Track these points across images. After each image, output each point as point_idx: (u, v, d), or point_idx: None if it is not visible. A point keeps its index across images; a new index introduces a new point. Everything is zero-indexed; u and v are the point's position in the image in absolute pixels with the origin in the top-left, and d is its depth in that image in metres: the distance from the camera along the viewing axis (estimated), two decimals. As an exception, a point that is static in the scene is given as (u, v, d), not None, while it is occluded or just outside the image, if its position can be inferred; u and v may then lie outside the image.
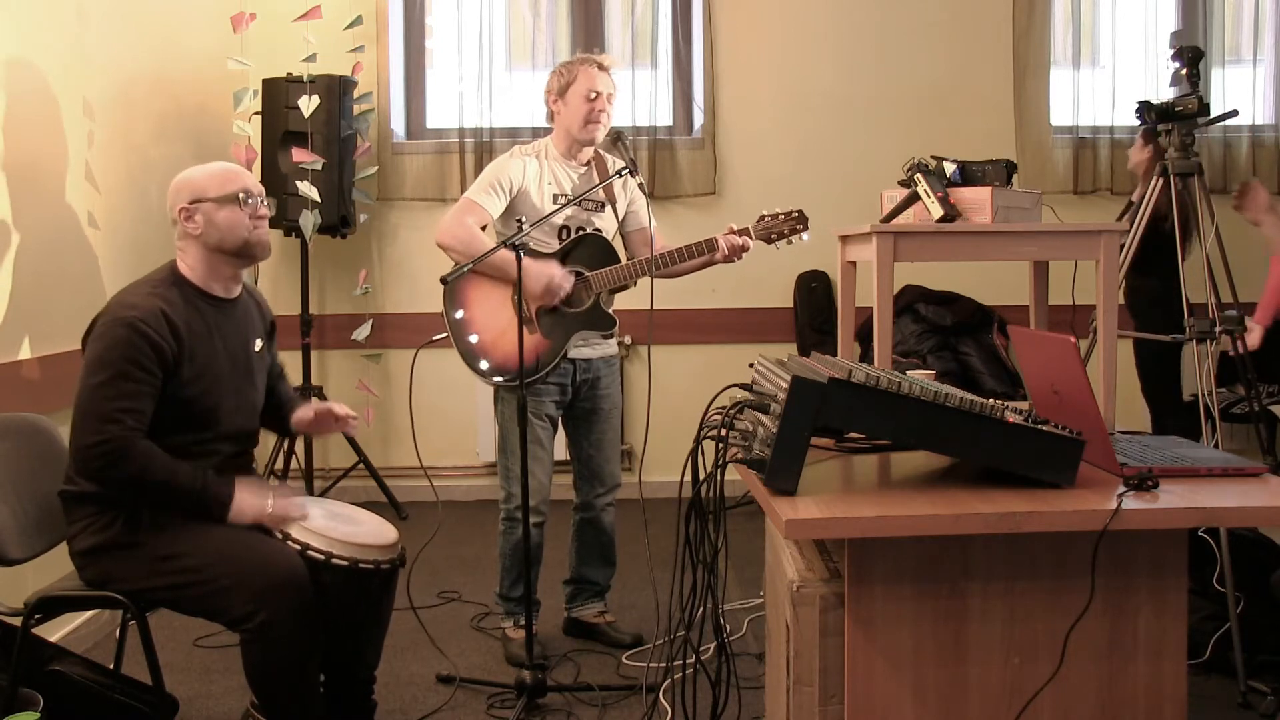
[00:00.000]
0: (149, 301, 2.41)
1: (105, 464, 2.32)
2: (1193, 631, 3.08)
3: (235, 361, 2.57)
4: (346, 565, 2.46)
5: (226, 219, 2.50)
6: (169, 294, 2.46)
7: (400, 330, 5.41)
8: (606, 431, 3.49)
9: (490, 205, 3.30)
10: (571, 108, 3.34)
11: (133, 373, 2.34)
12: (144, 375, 2.35)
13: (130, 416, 2.33)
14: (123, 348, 2.34)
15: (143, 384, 2.35)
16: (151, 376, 2.37)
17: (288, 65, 4.91)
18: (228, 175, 2.54)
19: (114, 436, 2.31)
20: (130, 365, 2.34)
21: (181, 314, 2.45)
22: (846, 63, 5.49)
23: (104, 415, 2.31)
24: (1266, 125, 5.53)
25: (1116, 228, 2.80)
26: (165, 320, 2.40)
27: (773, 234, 3.38)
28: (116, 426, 2.31)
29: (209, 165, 2.58)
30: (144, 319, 2.37)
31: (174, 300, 2.45)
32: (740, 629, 3.58)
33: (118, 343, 2.35)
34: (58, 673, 2.55)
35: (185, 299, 2.49)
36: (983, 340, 5.12)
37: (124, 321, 2.36)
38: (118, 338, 2.35)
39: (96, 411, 2.32)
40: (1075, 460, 1.86)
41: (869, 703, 1.81)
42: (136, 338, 2.35)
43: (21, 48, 3.35)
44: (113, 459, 2.32)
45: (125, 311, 2.38)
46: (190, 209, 2.50)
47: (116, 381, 2.33)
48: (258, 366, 2.66)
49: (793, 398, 1.76)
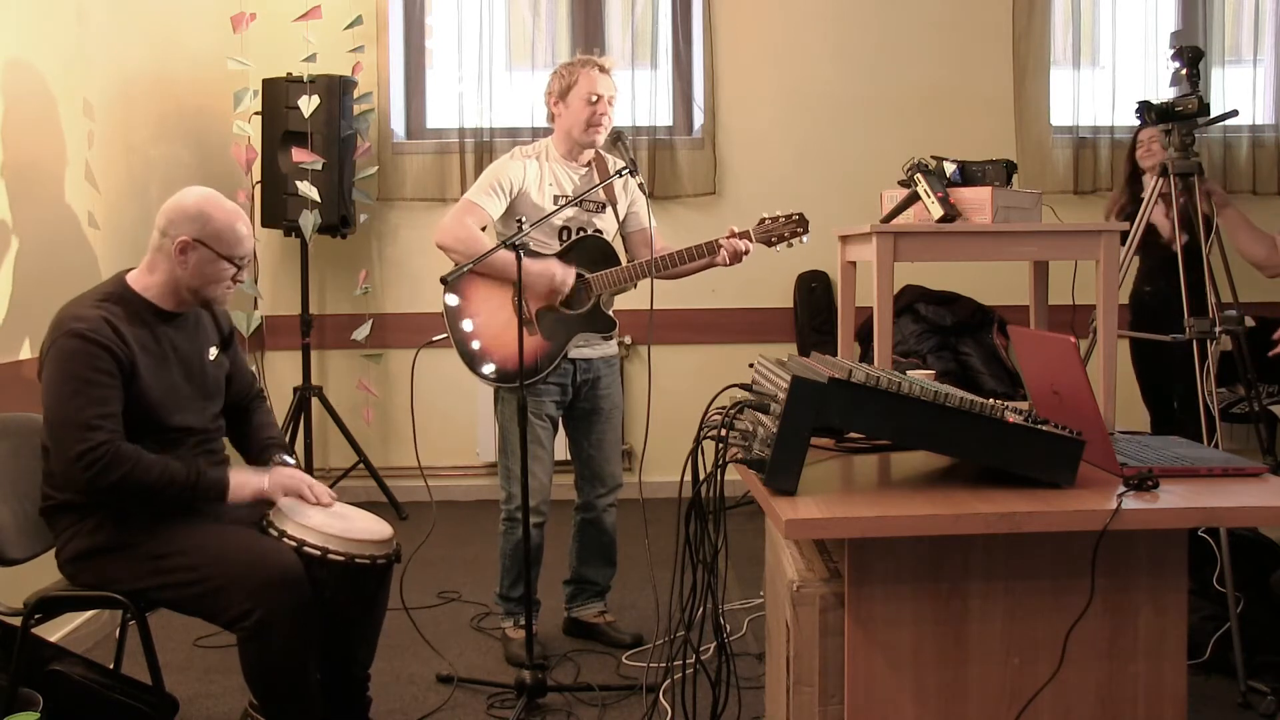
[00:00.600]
0: (92, 312, 2.40)
1: (95, 472, 2.31)
2: (1193, 631, 3.08)
3: (189, 369, 2.56)
4: (342, 561, 2.46)
5: (214, 273, 2.50)
6: (112, 308, 2.44)
7: (400, 330, 5.41)
8: (607, 432, 3.49)
9: (490, 206, 3.29)
10: (573, 110, 3.33)
11: (98, 379, 2.34)
12: (107, 379, 2.35)
13: (109, 421, 2.33)
14: (82, 357, 2.34)
15: (109, 389, 2.35)
16: (113, 379, 2.36)
17: (288, 65, 4.91)
18: (238, 238, 2.51)
19: (99, 443, 2.30)
20: (93, 372, 2.34)
21: (126, 325, 2.43)
22: (846, 63, 5.49)
23: (83, 424, 2.31)
24: (1266, 125, 5.53)
25: (1116, 227, 2.79)
26: (111, 328, 2.39)
27: (773, 237, 3.38)
28: (99, 433, 2.31)
29: (226, 208, 2.52)
30: (92, 327, 2.36)
31: (117, 313, 2.44)
32: (740, 629, 3.58)
33: (75, 354, 2.34)
34: (58, 673, 2.55)
35: (129, 312, 2.47)
36: (983, 340, 5.12)
37: (73, 333, 2.36)
38: (73, 350, 2.34)
39: (74, 422, 2.31)
40: (1075, 460, 1.86)
41: (869, 703, 1.81)
42: (91, 346, 2.35)
43: (21, 48, 3.35)
44: (102, 465, 2.31)
45: (74, 324, 2.37)
46: (190, 244, 2.48)
47: (85, 390, 2.32)
48: (213, 373, 2.65)
49: (793, 398, 1.76)
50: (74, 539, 2.44)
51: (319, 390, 5.16)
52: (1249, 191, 5.41)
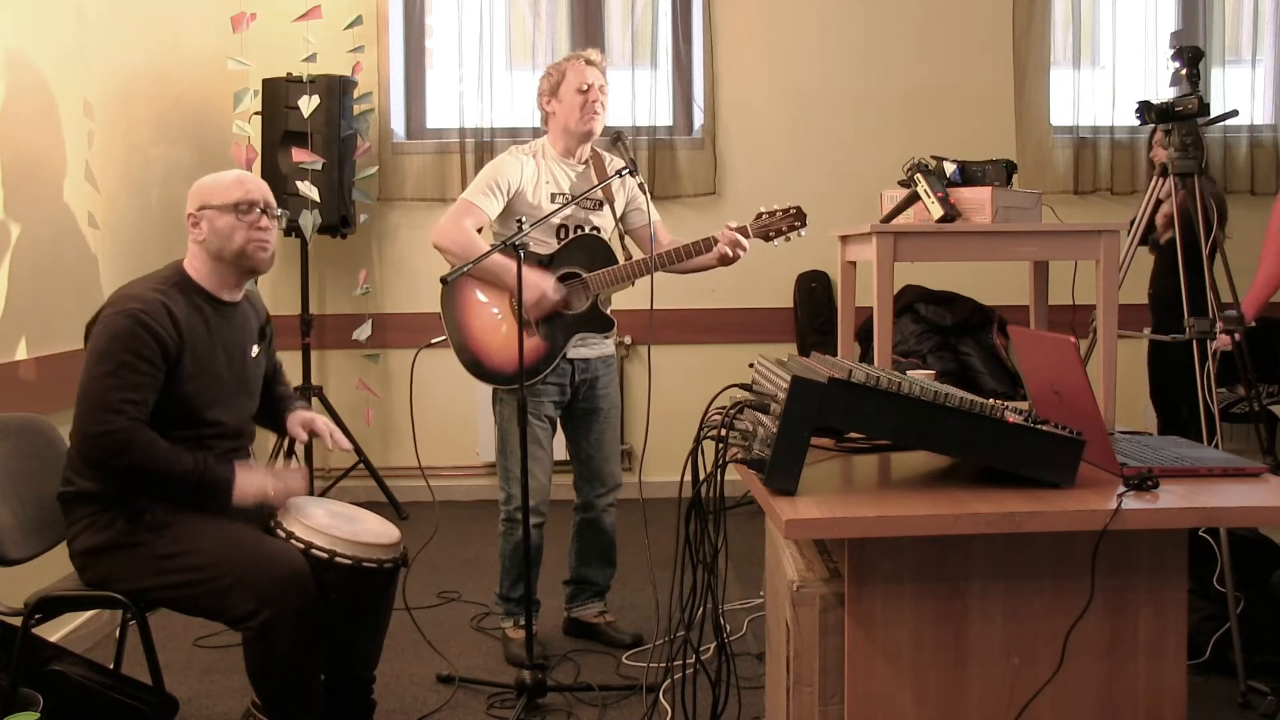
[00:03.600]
0: (152, 295, 2.44)
1: (109, 453, 2.34)
2: (1193, 631, 3.08)
3: (232, 364, 2.59)
4: (350, 564, 2.47)
5: (225, 226, 2.53)
6: (171, 292, 2.48)
7: (400, 330, 5.41)
8: (606, 431, 3.49)
9: (488, 206, 3.30)
10: (566, 103, 3.34)
11: (136, 364, 2.36)
12: (147, 366, 2.37)
13: (133, 407, 2.35)
14: (126, 339, 2.37)
15: (145, 375, 2.37)
16: (153, 368, 2.39)
17: (288, 65, 4.91)
18: (233, 184, 2.57)
19: (118, 427, 2.33)
20: (133, 356, 2.36)
21: (183, 311, 2.47)
22: (847, 63, 5.49)
23: (108, 405, 2.33)
24: (1266, 125, 5.53)
25: (1116, 227, 2.79)
26: (168, 314, 2.42)
27: (770, 231, 3.37)
28: (120, 417, 2.33)
29: (223, 174, 2.61)
30: (147, 311, 2.39)
31: (176, 298, 2.48)
32: (740, 629, 3.58)
33: (121, 334, 2.37)
34: (58, 673, 2.55)
35: (187, 298, 2.51)
36: (983, 340, 5.12)
37: (127, 313, 2.39)
38: (121, 329, 2.37)
39: (100, 401, 2.34)
40: (1075, 460, 1.86)
41: (869, 703, 1.81)
42: (140, 329, 2.37)
43: (21, 47, 3.35)
44: (116, 448, 2.33)
45: (129, 304, 2.41)
46: (197, 215, 2.55)
47: (120, 372, 2.35)
48: (253, 372, 2.68)
49: (793, 398, 1.76)
50: (86, 532, 2.44)
51: (319, 390, 5.16)
52: (1248, 191, 5.41)
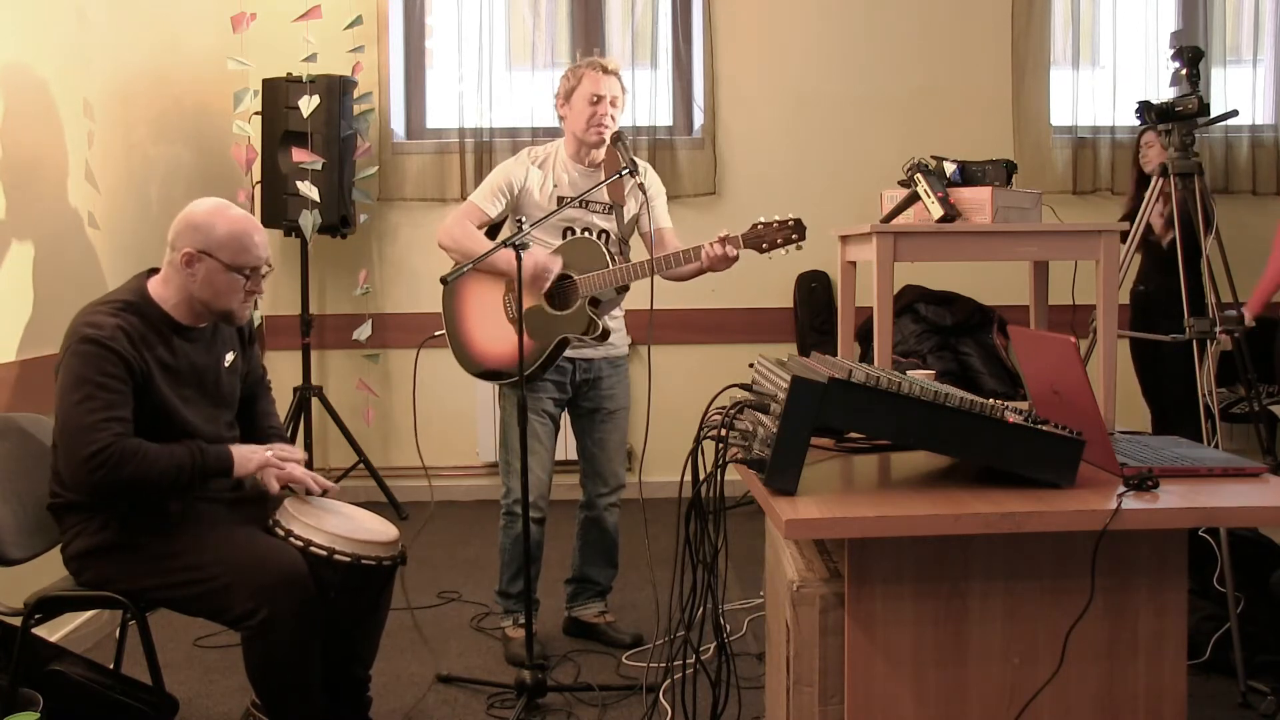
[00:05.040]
0: (110, 320, 2.40)
1: (104, 472, 2.30)
2: (1193, 631, 3.09)
3: (203, 380, 2.56)
4: (348, 561, 2.47)
5: (224, 284, 2.48)
6: (130, 318, 2.43)
7: (400, 330, 5.41)
8: (610, 432, 3.49)
9: (491, 209, 3.34)
10: (576, 112, 3.35)
11: (108, 383, 2.34)
12: (119, 385, 2.35)
13: (116, 423, 2.33)
14: (94, 361, 2.34)
15: (119, 394, 2.35)
16: (125, 385, 2.37)
17: (288, 65, 4.91)
18: (246, 245, 2.47)
19: (106, 444, 2.30)
20: (104, 377, 2.34)
21: (141, 337, 2.43)
22: (846, 63, 5.49)
23: (90, 426, 2.31)
24: (1266, 125, 5.52)
25: (1116, 227, 2.79)
26: (127, 338, 2.39)
27: (764, 242, 3.22)
28: (105, 434, 2.31)
29: (232, 216, 2.49)
30: (108, 335, 2.37)
31: (135, 324, 2.43)
32: (740, 629, 3.58)
33: (87, 358, 2.35)
34: (58, 673, 2.55)
35: (147, 324, 2.46)
36: (983, 340, 5.12)
37: (88, 339, 2.36)
38: (86, 354, 2.35)
39: (82, 425, 2.31)
40: (1075, 460, 1.86)
41: (869, 703, 1.81)
42: (104, 351, 2.35)
43: (21, 47, 3.35)
44: (112, 463, 2.30)
45: (88, 330, 2.38)
46: (195, 256, 2.46)
47: (95, 394, 2.33)
48: (227, 381, 2.65)
49: (793, 398, 1.76)
50: (79, 536, 2.44)
51: (319, 390, 5.16)
52: (1249, 192, 5.41)
